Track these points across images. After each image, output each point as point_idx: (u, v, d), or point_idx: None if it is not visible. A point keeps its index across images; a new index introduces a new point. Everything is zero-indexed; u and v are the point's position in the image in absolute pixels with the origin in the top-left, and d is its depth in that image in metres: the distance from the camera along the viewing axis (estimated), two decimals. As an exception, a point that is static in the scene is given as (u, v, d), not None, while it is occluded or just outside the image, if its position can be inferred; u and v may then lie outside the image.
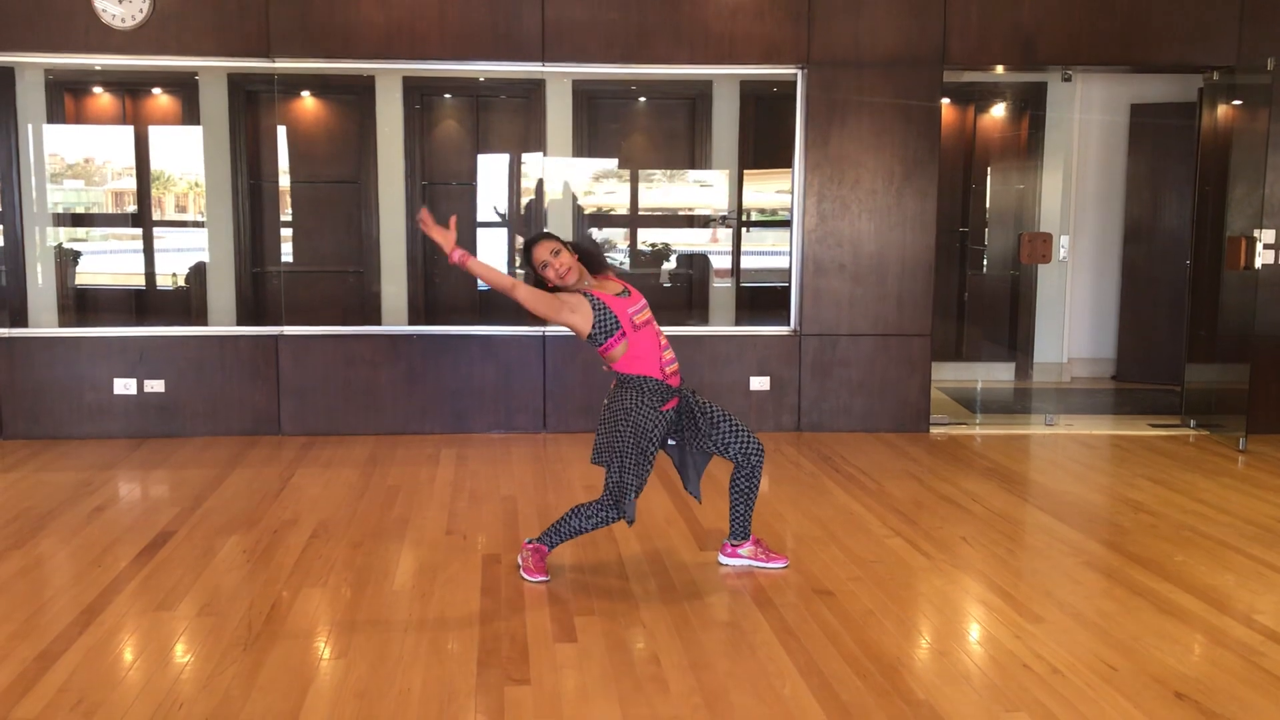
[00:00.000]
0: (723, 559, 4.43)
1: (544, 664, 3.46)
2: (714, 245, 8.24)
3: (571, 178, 7.58)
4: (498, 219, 8.30)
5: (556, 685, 3.31)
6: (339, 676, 3.36)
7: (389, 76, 7.32)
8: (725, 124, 7.62)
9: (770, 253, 7.99)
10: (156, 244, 7.94)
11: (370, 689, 3.27)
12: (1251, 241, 6.67)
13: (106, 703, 3.17)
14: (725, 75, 7.32)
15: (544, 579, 4.16)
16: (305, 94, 8.12)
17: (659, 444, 4.15)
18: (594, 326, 4.03)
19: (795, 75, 6.87)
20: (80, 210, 7.74)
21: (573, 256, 4.10)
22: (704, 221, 8.31)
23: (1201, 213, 7.39)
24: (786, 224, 7.13)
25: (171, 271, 8.04)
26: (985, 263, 9.17)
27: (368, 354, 6.87)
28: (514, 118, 8.37)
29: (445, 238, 4.00)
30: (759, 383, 6.98)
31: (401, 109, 7.47)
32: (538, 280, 4.14)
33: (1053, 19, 6.81)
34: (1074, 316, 9.09)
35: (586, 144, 7.98)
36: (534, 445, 6.63)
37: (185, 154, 7.84)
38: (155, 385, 6.73)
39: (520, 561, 4.25)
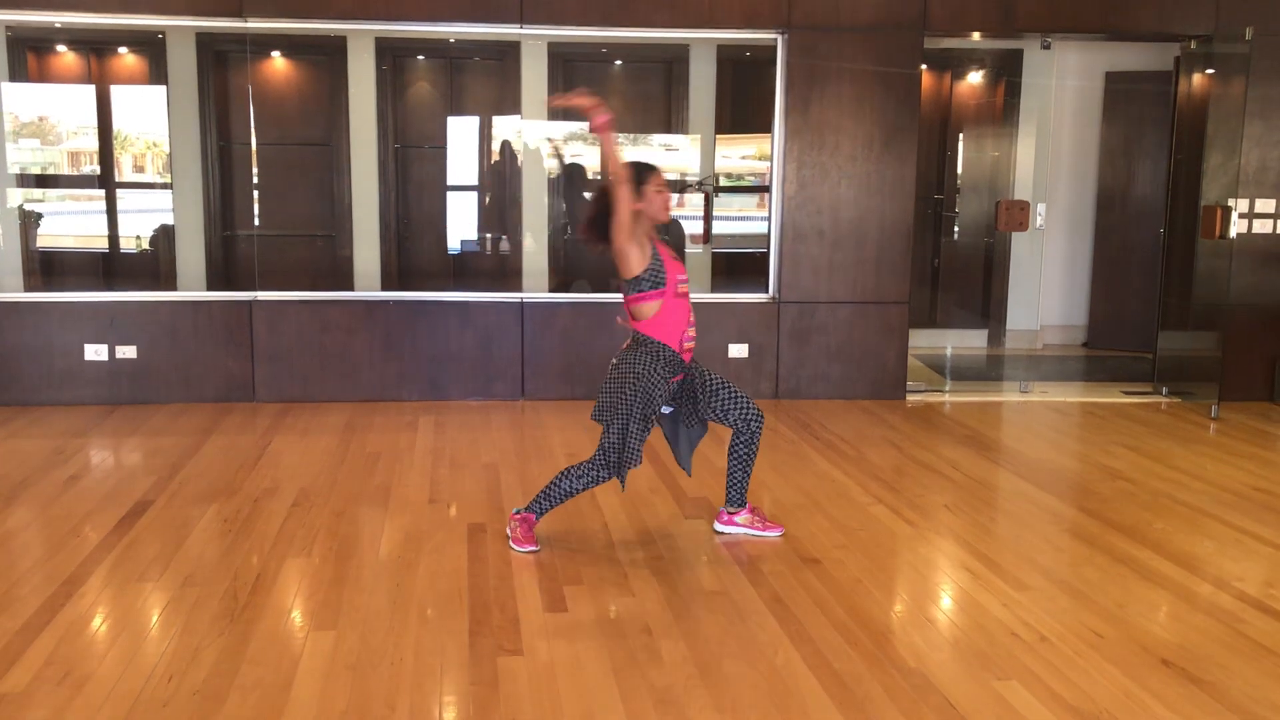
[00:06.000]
0: (719, 526, 4.43)
1: (535, 634, 3.45)
2: (688, 210, 8.18)
3: (546, 141, 7.50)
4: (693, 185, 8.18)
5: (550, 656, 3.30)
6: (329, 649, 3.33)
7: (361, 37, 7.19)
8: (702, 88, 7.55)
9: (745, 218, 7.95)
10: (120, 206, 7.78)
11: (362, 661, 3.25)
12: (1227, 211, 6.71)
13: (95, 676, 3.13)
14: (704, 39, 7.24)
15: (533, 549, 4.14)
16: (276, 54, 7.96)
17: (658, 412, 4.14)
18: (646, 270, 4.02)
19: (775, 40, 6.81)
20: (39, 171, 7.55)
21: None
22: (679, 186, 8.25)
23: (1175, 181, 7.43)
24: (762, 189, 7.08)
25: (135, 234, 7.89)
26: (956, 230, 9.18)
27: (344, 320, 6.78)
28: (488, 80, 8.27)
29: (587, 102, 3.99)
30: (737, 350, 6.97)
31: (374, 70, 7.35)
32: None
33: (1033, -15, 6.80)
34: (1047, 283, 9.14)
35: (561, 107, 7.88)
36: (512, 412, 6.60)
37: (150, 114, 7.67)
38: (127, 351, 6.61)
39: (509, 532, 4.23)
